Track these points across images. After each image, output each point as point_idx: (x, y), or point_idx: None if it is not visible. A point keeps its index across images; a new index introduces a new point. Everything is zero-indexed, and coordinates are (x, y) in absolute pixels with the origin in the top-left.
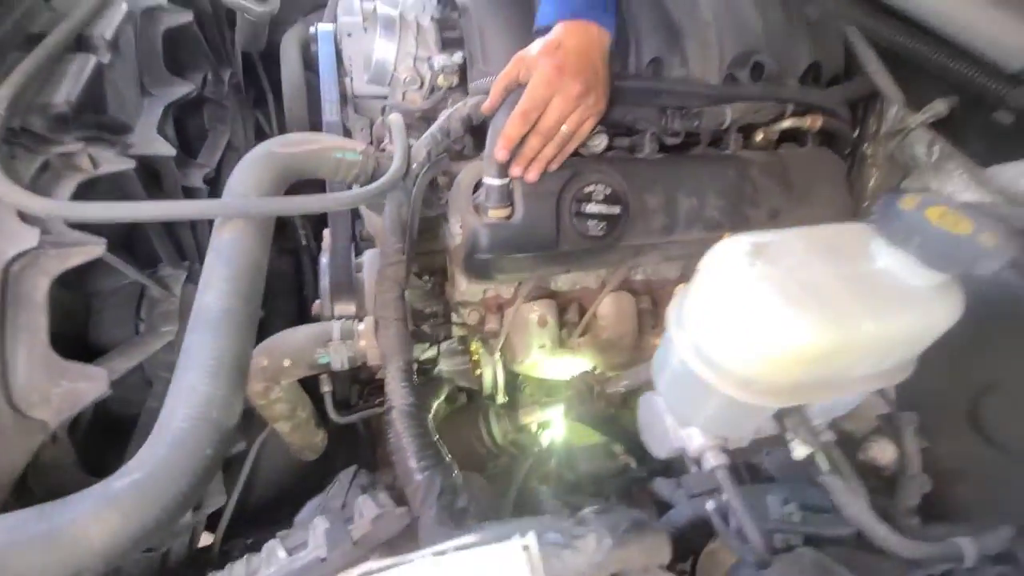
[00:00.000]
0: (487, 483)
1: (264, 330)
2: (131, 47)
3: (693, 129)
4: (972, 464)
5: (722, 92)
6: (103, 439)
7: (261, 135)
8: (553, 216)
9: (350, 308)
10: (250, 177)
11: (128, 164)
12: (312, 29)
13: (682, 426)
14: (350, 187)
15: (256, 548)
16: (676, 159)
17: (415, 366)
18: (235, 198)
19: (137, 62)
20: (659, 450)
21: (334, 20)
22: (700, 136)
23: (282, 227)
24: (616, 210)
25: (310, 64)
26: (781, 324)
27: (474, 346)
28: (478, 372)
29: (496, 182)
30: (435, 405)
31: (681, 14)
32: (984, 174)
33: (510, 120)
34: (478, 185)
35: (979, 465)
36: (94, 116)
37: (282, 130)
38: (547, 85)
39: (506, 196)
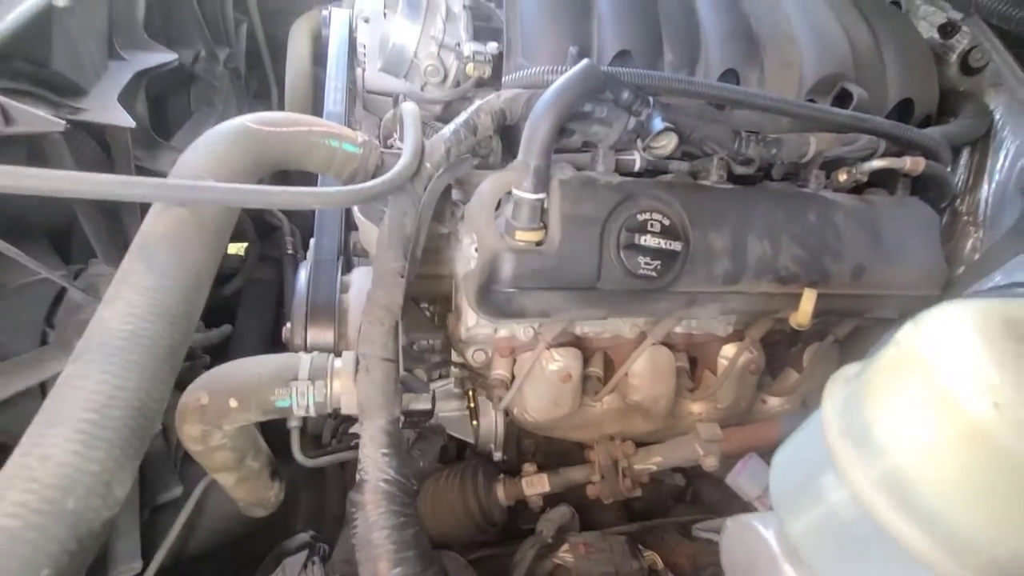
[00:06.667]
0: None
1: (228, 355)
2: None
3: (770, 158)
4: None
5: (815, 114)
6: None
7: None
8: (596, 246)
9: (327, 336)
10: (211, 155)
11: (53, 125)
12: (324, 12)
13: None
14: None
15: None
16: (748, 193)
17: (402, 420)
18: (181, 179)
19: (108, 17)
20: None
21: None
22: (774, 168)
23: (267, 232)
24: (675, 246)
25: (320, 59)
26: None
27: (472, 390)
28: (474, 423)
29: (529, 196)
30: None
31: (762, 24)
32: None
33: None
34: (502, 201)
35: None
36: (29, 65)
37: None
38: None
39: (539, 215)
